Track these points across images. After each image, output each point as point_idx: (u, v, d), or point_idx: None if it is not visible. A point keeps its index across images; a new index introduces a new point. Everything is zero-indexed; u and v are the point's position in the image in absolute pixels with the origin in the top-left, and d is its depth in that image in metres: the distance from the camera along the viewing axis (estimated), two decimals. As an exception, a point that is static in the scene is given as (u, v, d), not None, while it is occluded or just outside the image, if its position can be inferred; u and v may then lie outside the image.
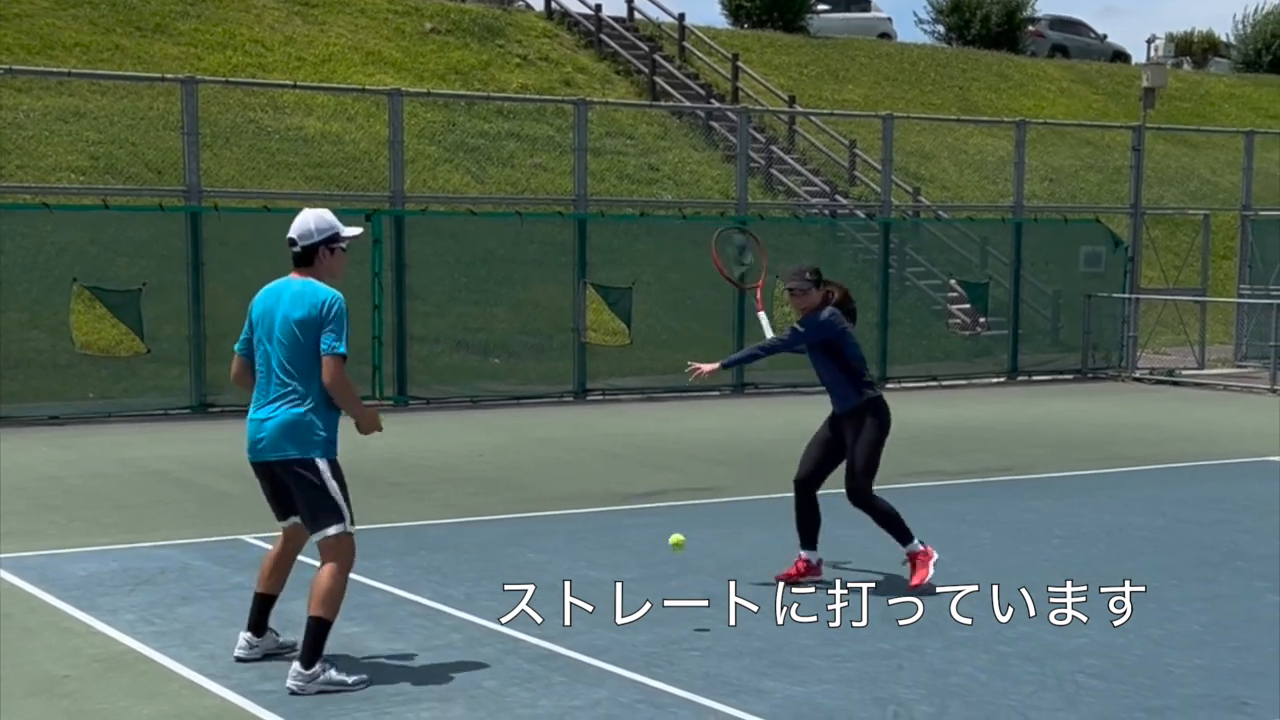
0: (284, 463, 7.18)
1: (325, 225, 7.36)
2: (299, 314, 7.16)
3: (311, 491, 7.18)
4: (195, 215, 17.60)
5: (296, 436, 7.15)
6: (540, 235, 20.46)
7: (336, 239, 7.36)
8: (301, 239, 7.31)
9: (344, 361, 7.14)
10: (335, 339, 7.11)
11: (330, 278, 7.34)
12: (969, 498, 12.58)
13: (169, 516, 11.32)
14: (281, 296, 7.28)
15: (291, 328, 7.17)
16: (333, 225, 7.38)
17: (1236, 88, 41.88)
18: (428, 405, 18.58)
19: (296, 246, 7.31)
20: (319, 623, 7.10)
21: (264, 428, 7.21)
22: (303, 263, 7.32)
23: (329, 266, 7.36)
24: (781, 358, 10.52)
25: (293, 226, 7.35)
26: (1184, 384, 22.62)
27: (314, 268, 7.32)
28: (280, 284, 7.35)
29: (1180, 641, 8.05)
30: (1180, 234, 29.42)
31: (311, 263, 7.32)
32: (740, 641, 7.95)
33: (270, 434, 7.18)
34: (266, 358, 7.27)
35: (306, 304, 7.17)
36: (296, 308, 7.18)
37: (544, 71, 29.60)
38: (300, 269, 7.33)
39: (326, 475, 7.19)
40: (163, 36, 26.19)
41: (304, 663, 7.08)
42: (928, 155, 30.86)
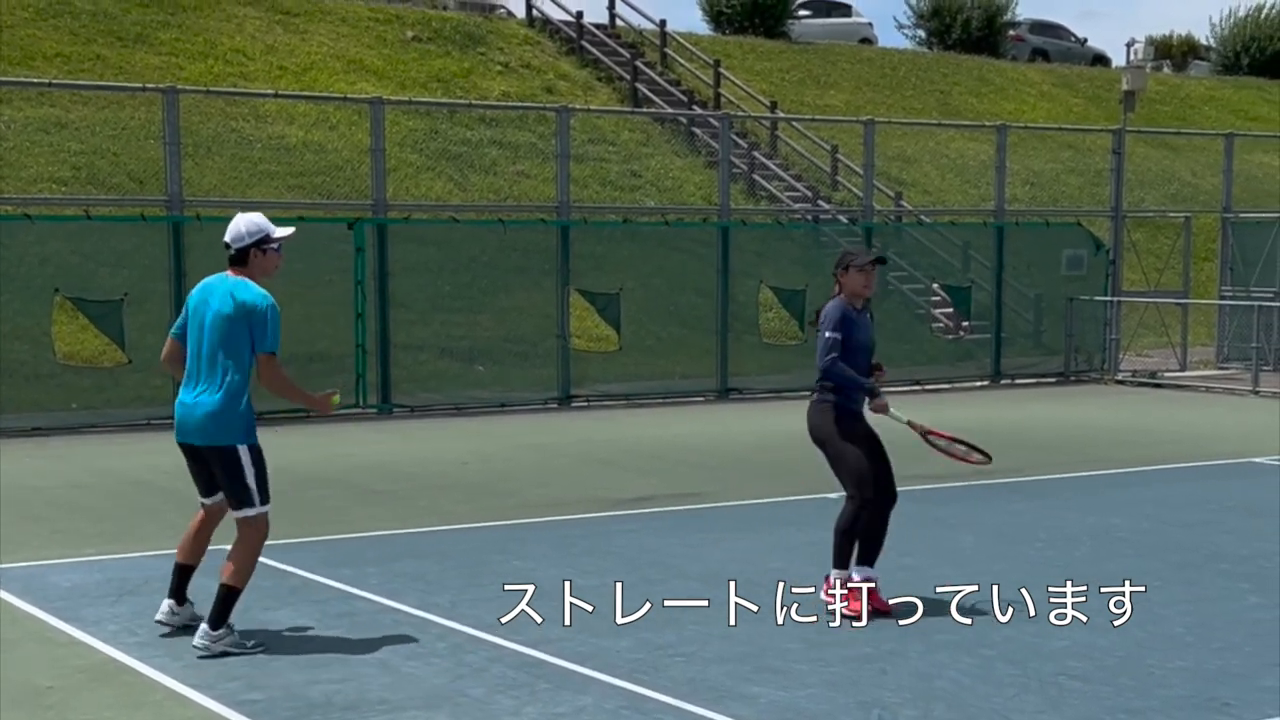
0: (205, 448, 7.85)
1: (255, 228, 8.04)
2: (229, 310, 7.81)
3: (231, 475, 7.83)
4: (177, 225, 17.58)
5: (220, 424, 7.78)
6: (523, 242, 20.47)
7: (267, 240, 8.03)
8: (234, 241, 8.00)
9: (275, 358, 7.84)
10: (264, 337, 7.82)
11: (263, 275, 8.02)
12: (952, 501, 12.61)
13: (152, 527, 11.30)
14: (216, 292, 7.94)
15: (222, 322, 7.81)
16: (263, 228, 8.06)
17: (1216, 90, 42.05)
18: (412, 413, 18.57)
19: (230, 249, 8.00)
20: (228, 590, 7.79)
21: (192, 413, 7.85)
22: (237, 263, 8.00)
23: (262, 265, 8.02)
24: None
25: (227, 230, 8.06)
26: (1166, 386, 22.70)
27: (248, 267, 7.99)
28: (216, 279, 8.03)
29: (1163, 643, 8.09)
30: (1161, 237, 29.53)
31: (245, 263, 7.99)
32: (724, 647, 7.96)
33: (197, 419, 7.83)
34: (198, 346, 7.90)
35: (236, 302, 7.82)
36: (227, 304, 7.83)
37: (526, 79, 29.62)
38: (235, 268, 8.00)
39: (245, 462, 7.81)
40: (143, 46, 26.15)
41: (211, 624, 7.76)
42: (909, 160, 30.93)
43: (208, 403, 7.78)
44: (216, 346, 7.81)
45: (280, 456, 14.84)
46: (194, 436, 7.85)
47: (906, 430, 9.22)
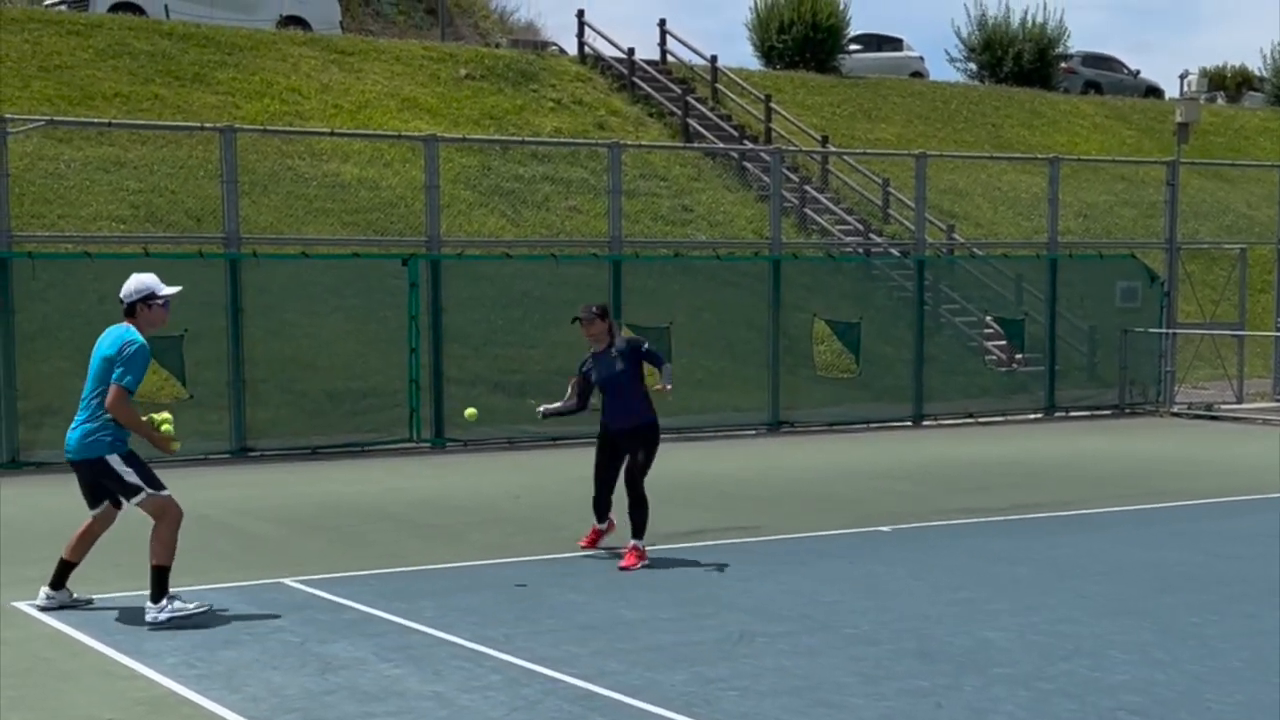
0: (84, 463, 9.28)
1: (141, 287, 9.32)
2: (107, 352, 9.17)
3: (111, 480, 9.26)
4: (234, 262, 17.78)
5: (91, 443, 9.21)
6: (575, 277, 20.55)
7: (153, 297, 9.31)
8: (125, 297, 9.32)
9: (126, 393, 9.05)
10: (122, 373, 9.04)
11: (150, 327, 9.31)
12: (1006, 534, 12.56)
13: (209, 560, 11.41)
14: (106, 337, 9.29)
15: (100, 363, 9.19)
16: (148, 287, 9.34)
17: (1271, 121, 41.76)
18: (464, 447, 18.66)
19: (123, 303, 9.31)
20: (157, 569, 9.17)
21: (71, 435, 9.31)
22: (128, 315, 9.31)
23: (148, 318, 9.32)
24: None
25: (122, 288, 9.32)
26: (1222, 418, 22.51)
27: (136, 319, 9.29)
28: (112, 327, 9.34)
29: (1220, 677, 8.02)
30: (1216, 268, 29.31)
31: (134, 314, 9.30)
32: (778, 680, 7.96)
33: (74, 442, 9.28)
34: (88, 383, 9.29)
35: (114, 345, 9.14)
36: (110, 347, 9.18)
37: (578, 115, 29.78)
38: (127, 319, 9.30)
39: (117, 465, 9.19)
40: (201, 86, 26.49)
41: (153, 599, 9.14)
42: (961, 193, 30.86)
43: (83, 429, 9.21)
44: (96, 381, 9.21)
45: (333, 491, 15.00)
46: (72, 455, 9.31)
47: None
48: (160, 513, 9.22)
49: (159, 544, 9.19)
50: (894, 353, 22.24)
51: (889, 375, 22.08)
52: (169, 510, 9.23)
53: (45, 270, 17.37)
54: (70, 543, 9.62)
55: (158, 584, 9.19)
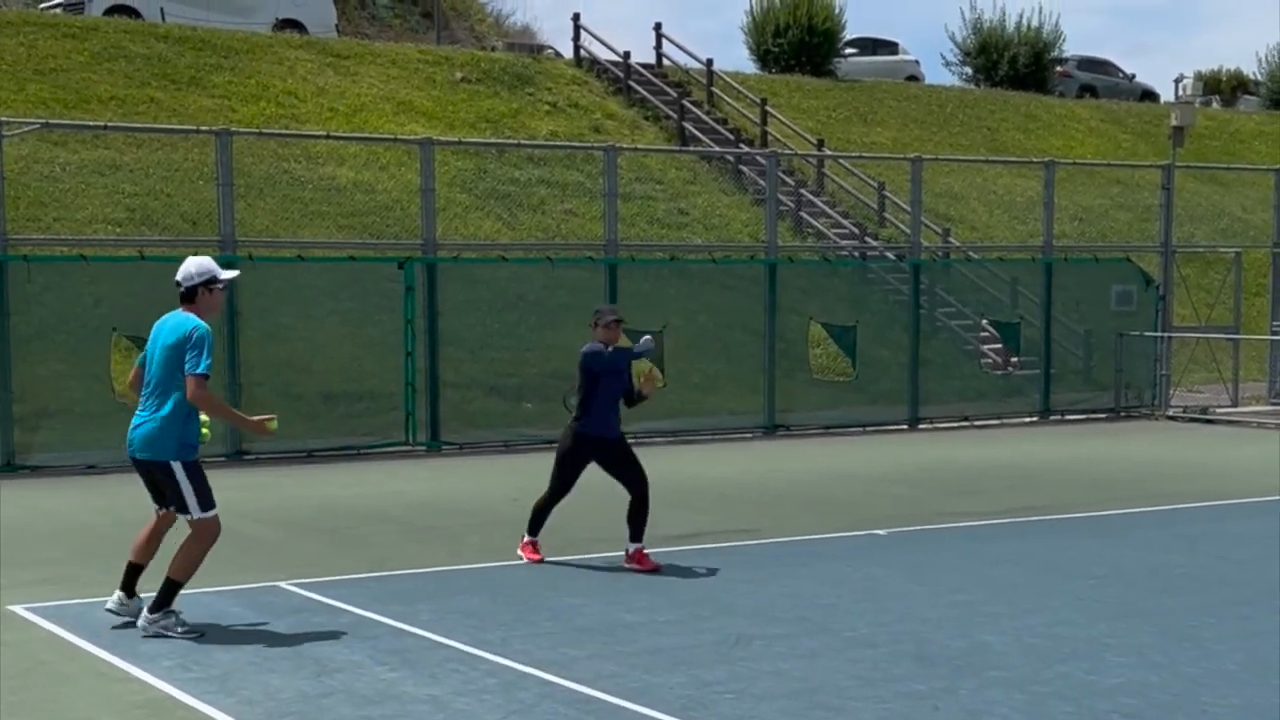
0: (148, 462, 8.89)
1: (204, 270, 8.96)
2: (172, 340, 8.78)
3: (170, 487, 8.89)
4: (230, 265, 17.68)
5: (155, 442, 8.82)
6: (571, 280, 20.56)
7: (214, 281, 8.95)
8: (184, 280, 8.93)
9: (204, 379, 8.67)
10: (195, 359, 8.65)
11: (209, 313, 8.93)
12: (1003, 538, 12.56)
13: (206, 563, 11.37)
14: (165, 325, 8.92)
15: (164, 351, 8.80)
16: (210, 270, 8.97)
17: (1266, 125, 41.82)
18: (461, 450, 18.65)
19: (181, 287, 8.92)
20: (169, 582, 8.88)
21: (135, 433, 8.90)
22: (186, 300, 8.93)
23: (209, 304, 8.96)
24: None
25: (179, 271, 8.95)
26: (1218, 422, 22.53)
27: (195, 304, 8.91)
28: (169, 315, 8.97)
29: (1217, 680, 8.02)
30: (1212, 272, 29.35)
31: (193, 300, 8.92)
32: (776, 684, 7.96)
33: (139, 438, 8.88)
34: (149, 374, 8.92)
35: (178, 332, 8.77)
36: (172, 335, 8.80)
37: (573, 118, 29.78)
38: (184, 305, 8.92)
39: (180, 475, 8.81)
40: (197, 89, 26.47)
41: (151, 608, 8.87)
42: (957, 196, 30.89)
43: (149, 425, 8.82)
44: (159, 373, 8.82)
45: (329, 494, 14.99)
46: (136, 453, 8.93)
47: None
48: (201, 533, 8.95)
49: (184, 559, 8.93)
50: (890, 356, 22.25)
51: (885, 378, 22.09)
52: (209, 531, 8.98)
53: (40, 273, 17.36)
54: (136, 544, 9.27)
55: (164, 595, 8.93)
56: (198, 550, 8.92)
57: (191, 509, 8.86)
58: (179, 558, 8.90)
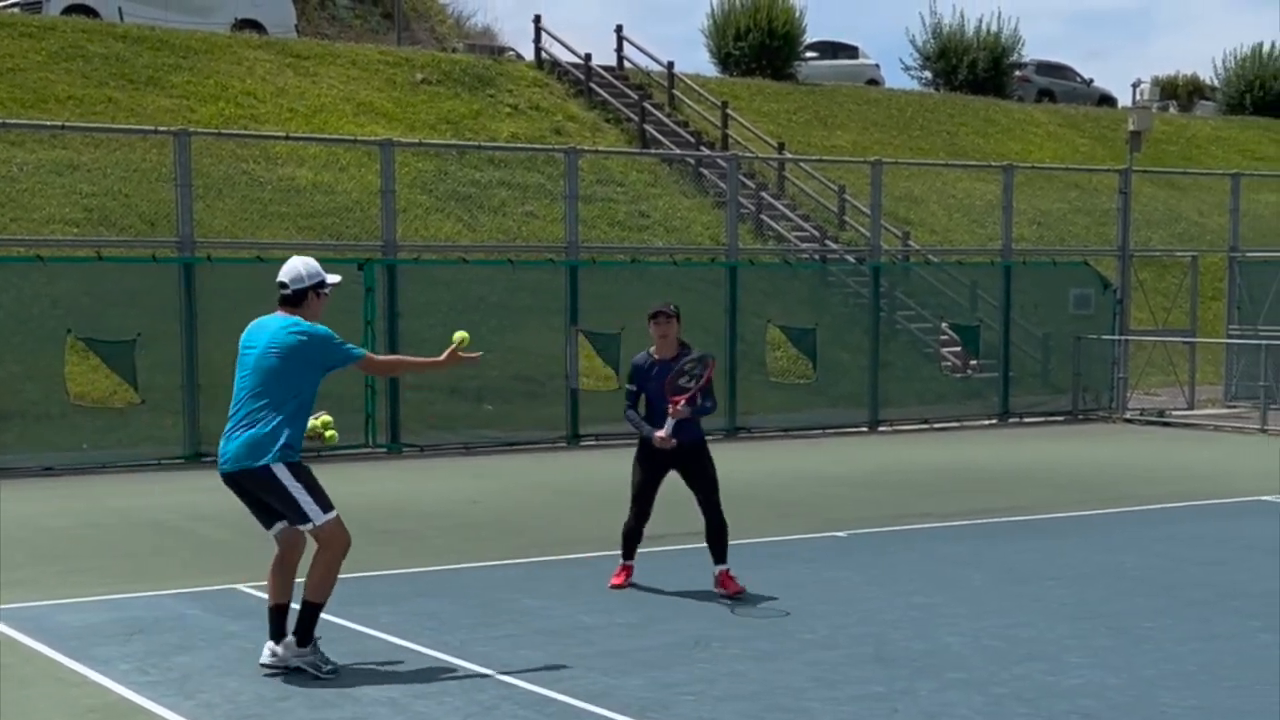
0: (245, 472, 7.91)
1: (314, 272, 8.17)
2: (282, 343, 7.96)
3: (277, 496, 7.92)
4: (188, 266, 17.67)
5: (253, 449, 7.89)
6: (532, 282, 20.54)
7: (323, 285, 8.18)
8: (293, 283, 8.11)
9: (367, 356, 8.43)
10: (348, 350, 8.12)
11: (315, 319, 8.12)
12: (962, 540, 12.61)
13: (164, 566, 11.33)
14: (269, 328, 8.07)
15: (271, 358, 7.96)
16: (320, 272, 8.20)
17: (1222, 130, 42.15)
18: (421, 452, 18.60)
19: (288, 289, 8.11)
20: (307, 605, 7.94)
21: (228, 445, 7.99)
22: (292, 303, 8.11)
23: (314, 309, 8.15)
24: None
25: (284, 271, 8.14)
26: (1174, 424, 22.69)
27: (302, 309, 8.10)
28: (268, 318, 8.17)
29: (1174, 681, 8.08)
30: (1168, 276, 29.56)
31: (300, 305, 8.11)
32: (734, 685, 7.97)
33: (233, 450, 7.96)
34: (244, 381, 8.06)
35: (291, 336, 7.96)
36: (280, 339, 7.97)
37: (534, 120, 29.76)
38: (288, 308, 8.11)
39: (285, 478, 7.86)
40: (155, 89, 26.31)
41: (298, 640, 7.98)
42: (917, 200, 31.01)
43: (247, 436, 7.93)
44: (265, 380, 7.97)
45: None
46: (229, 465, 7.97)
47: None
48: (329, 540, 7.96)
49: (320, 575, 7.96)
50: (850, 359, 22.31)
51: (845, 381, 22.15)
52: (338, 537, 7.98)
53: (-3, 274, 17.21)
54: (270, 585, 8.18)
55: (307, 623, 7.97)
56: (332, 560, 7.97)
57: (311, 514, 7.89)
58: (313, 575, 7.96)
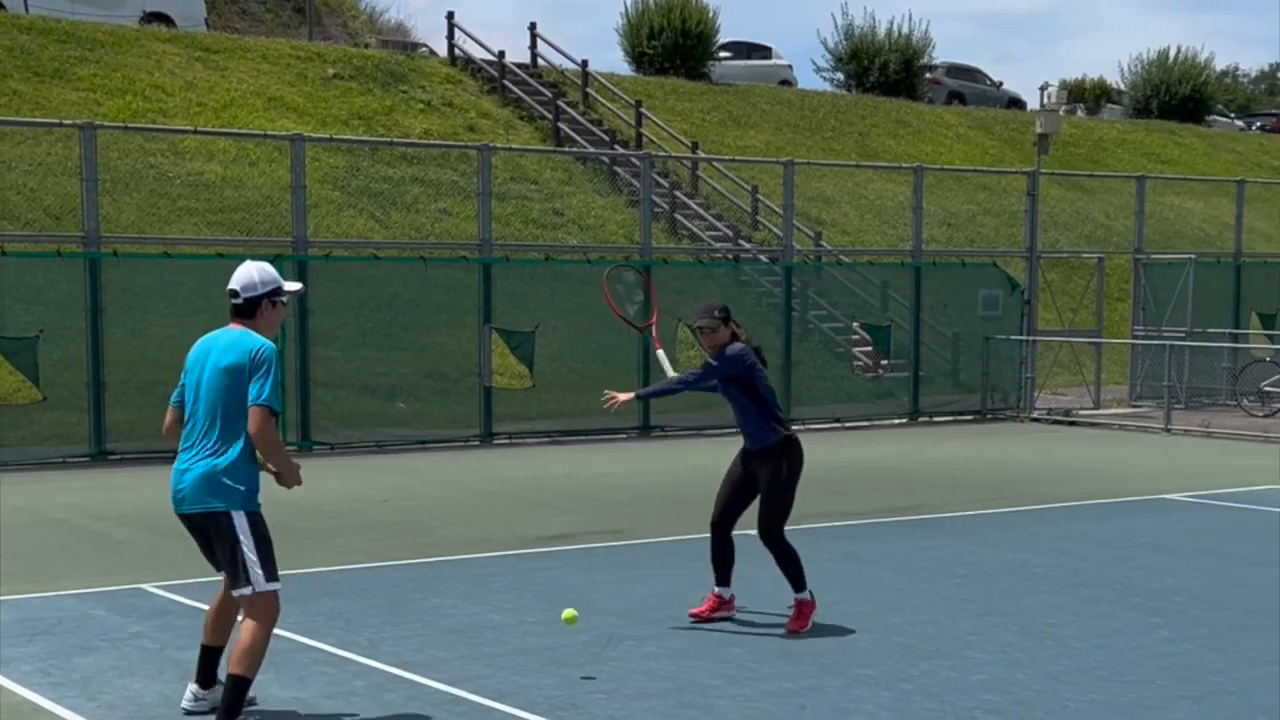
0: (205, 514, 7.06)
1: (269, 279, 7.27)
2: (228, 361, 7.05)
3: (227, 547, 7.05)
4: (94, 261, 17.42)
5: (214, 488, 7.01)
6: (445, 280, 20.45)
7: (279, 293, 7.29)
8: (245, 291, 7.22)
9: (273, 414, 6.99)
10: (262, 388, 6.96)
11: (270, 331, 7.26)
12: (870, 537, 12.71)
13: (67, 565, 11.16)
14: (215, 345, 7.19)
15: (220, 376, 7.05)
16: (275, 279, 7.30)
17: (1129, 133, 42.80)
18: (332, 450, 18.46)
19: (239, 298, 7.22)
20: (235, 679, 7.01)
21: (184, 479, 7.08)
22: (244, 314, 7.23)
23: (270, 320, 7.28)
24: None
25: (235, 278, 7.25)
26: (1081, 424, 23.01)
27: (255, 320, 7.22)
28: (217, 333, 7.28)
29: (1077, 677, 8.19)
30: (1075, 277, 29.97)
31: (253, 315, 7.22)
32: (645, 683, 7.98)
33: (190, 485, 7.05)
34: (195, 407, 7.16)
35: (236, 352, 7.06)
36: (227, 355, 7.07)
37: (447, 117, 29.63)
38: (240, 320, 7.23)
39: (242, 532, 7.02)
40: (61, 82, 25.92)
41: (223, 716, 7.00)
42: (829, 200, 31.22)
43: (204, 468, 7.03)
44: (215, 404, 7.06)
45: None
46: (188, 505, 7.08)
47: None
48: (262, 611, 7.06)
49: (251, 650, 7.01)
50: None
51: (757, 380, 22.20)
52: (271, 611, 7.10)
53: (-104, 268, 16.89)
54: (206, 623, 7.51)
55: (229, 700, 7.02)
56: (262, 633, 7.05)
57: (254, 578, 6.99)
58: (241, 649, 7.02)
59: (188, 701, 7.42)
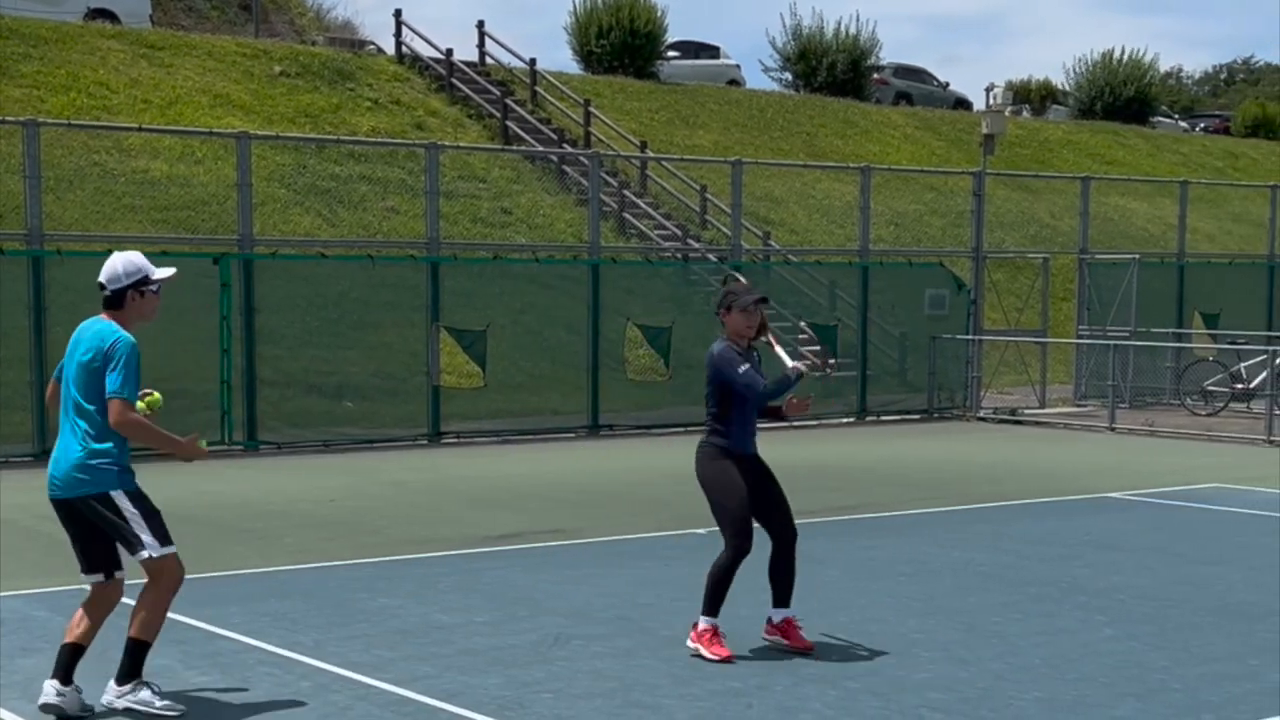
0: (82, 499, 7.24)
1: (134, 269, 7.39)
2: (87, 355, 7.24)
3: (115, 523, 7.26)
4: (38, 259, 17.27)
5: (90, 473, 7.21)
6: (393, 278, 20.39)
7: (146, 282, 7.40)
8: (110, 283, 7.37)
9: (128, 404, 7.16)
10: (116, 380, 7.14)
11: (140, 320, 7.44)
12: (816, 536, 12.74)
13: (10, 565, 11.05)
14: (84, 335, 7.38)
15: (80, 369, 7.26)
16: (141, 268, 7.41)
17: (1074, 134, 43.15)
18: (279, 450, 18.37)
19: (106, 290, 7.39)
20: (135, 643, 7.27)
21: (59, 466, 7.27)
22: (112, 306, 7.39)
23: (139, 309, 7.43)
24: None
25: (103, 270, 7.40)
26: (1026, 423, 23.17)
27: (123, 311, 7.38)
28: (88, 322, 7.45)
29: (1021, 675, 8.25)
30: (1021, 277, 30.19)
31: (121, 306, 7.39)
32: (592, 683, 7.98)
33: (64, 472, 7.24)
34: (68, 395, 7.36)
35: (94, 344, 7.25)
36: (88, 349, 7.26)
37: (395, 115, 29.53)
38: (109, 311, 7.39)
39: (125, 508, 7.25)
40: (4, 78, 25.66)
41: (118, 679, 7.29)
42: (777, 200, 31.32)
43: (77, 455, 7.22)
44: (83, 394, 7.26)
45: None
46: (64, 492, 7.26)
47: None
48: (160, 573, 7.29)
49: (147, 612, 7.28)
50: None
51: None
52: (171, 573, 7.33)
53: None
54: (72, 622, 7.47)
55: (130, 662, 7.29)
56: (161, 599, 7.30)
57: (148, 545, 7.21)
58: (139, 612, 7.29)
59: (48, 697, 7.33)
